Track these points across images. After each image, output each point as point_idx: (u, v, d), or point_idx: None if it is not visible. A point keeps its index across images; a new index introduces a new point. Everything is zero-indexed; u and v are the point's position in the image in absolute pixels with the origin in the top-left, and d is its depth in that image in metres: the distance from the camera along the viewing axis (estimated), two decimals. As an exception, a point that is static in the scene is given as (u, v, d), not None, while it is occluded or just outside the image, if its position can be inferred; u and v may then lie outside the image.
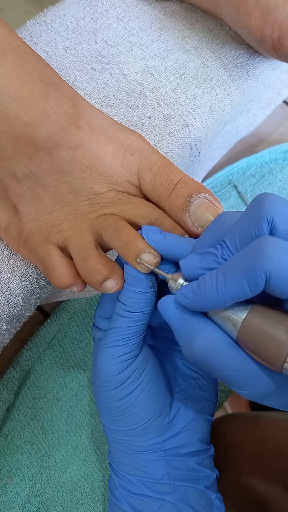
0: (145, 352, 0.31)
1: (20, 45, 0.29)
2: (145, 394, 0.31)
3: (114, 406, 0.31)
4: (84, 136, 0.30)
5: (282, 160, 0.58)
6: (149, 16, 0.42)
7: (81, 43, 0.40)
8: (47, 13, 0.42)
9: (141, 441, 0.31)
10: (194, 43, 0.41)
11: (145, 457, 0.32)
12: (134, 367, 0.30)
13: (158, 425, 0.31)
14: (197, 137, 0.40)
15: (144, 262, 0.27)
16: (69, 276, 0.30)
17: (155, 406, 0.31)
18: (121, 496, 0.33)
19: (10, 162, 0.29)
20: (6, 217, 0.32)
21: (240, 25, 0.38)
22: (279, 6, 0.35)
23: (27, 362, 0.49)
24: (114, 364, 0.30)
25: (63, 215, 0.31)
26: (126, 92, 0.39)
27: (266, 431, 0.48)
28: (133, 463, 0.32)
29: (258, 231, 0.23)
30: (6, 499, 0.44)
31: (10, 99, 0.28)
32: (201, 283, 0.24)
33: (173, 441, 0.32)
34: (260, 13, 0.36)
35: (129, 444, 0.32)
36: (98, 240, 0.30)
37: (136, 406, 0.30)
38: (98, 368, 0.31)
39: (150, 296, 0.29)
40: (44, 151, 0.29)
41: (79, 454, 0.45)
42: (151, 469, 0.32)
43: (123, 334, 0.29)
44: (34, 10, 0.63)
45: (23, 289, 0.33)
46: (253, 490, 0.44)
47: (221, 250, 0.24)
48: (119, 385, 0.30)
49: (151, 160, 0.31)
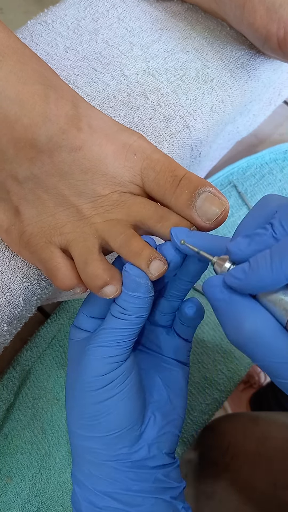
0: (132, 359, 0.31)
1: (20, 47, 0.29)
2: (125, 401, 0.30)
3: (90, 410, 0.30)
4: (85, 138, 0.30)
5: (282, 160, 0.58)
6: (150, 17, 0.42)
7: (82, 43, 0.40)
8: (48, 13, 0.42)
9: (111, 450, 0.31)
10: (195, 43, 0.41)
11: (113, 466, 0.31)
12: (121, 371, 0.30)
13: (130, 435, 0.31)
14: (197, 138, 0.40)
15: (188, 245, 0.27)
16: (72, 278, 0.30)
17: (132, 415, 0.31)
18: (86, 510, 0.31)
19: (11, 164, 0.29)
20: (7, 219, 0.31)
21: (245, 24, 0.38)
22: (284, 3, 0.35)
23: (27, 362, 0.49)
24: (103, 364, 0.29)
25: (66, 218, 0.31)
26: (127, 93, 0.39)
27: (266, 431, 0.48)
28: (101, 474, 0.31)
29: None
30: (6, 499, 0.44)
31: (10, 102, 0.27)
32: (253, 263, 0.23)
33: (141, 453, 0.31)
34: (266, 10, 0.36)
35: (98, 453, 0.31)
36: (102, 245, 0.30)
37: (113, 412, 0.30)
38: (83, 366, 0.30)
39: (149, 300, 0.29)
40: (45, 153, 0.29)
41: (79, 454, 0.45)
42: (119, 480, 0.31)
43: (117, 335, 0.29)
44: (34, 10, 0.63)
45: (24, 290, 0.33)
46: (253, 490, 0.44)
47: (272, 230, 0.23)
48: (102, 387, 0.30)
49: (154, 158, 0.31)
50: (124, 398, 0.30)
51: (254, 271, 0.23)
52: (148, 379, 0.33)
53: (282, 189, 0.57)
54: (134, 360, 0.32)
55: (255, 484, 0.44)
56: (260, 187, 0.58)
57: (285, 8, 0.35)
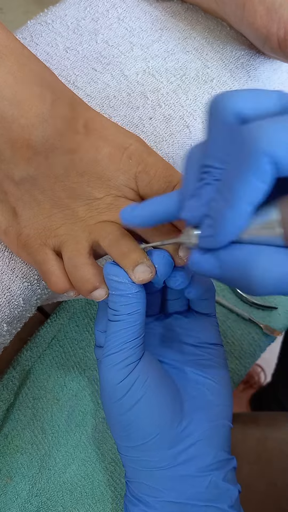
0: (148, 358, 0.30)
1: (18, 47, 0.29)
2: (152, 403, 0.29)
3: (121, 420, 0.29)
4: (81, 140, 0.30)
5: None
6: (150, 17, 0.42)
7: (81, 43, 0.40)
8: (48, 13, 0.42)
9: (152, 456, 0.30)
10: (195, 43, 0.41)
11: (159, 474, 0.30)
12: (136, 374, 0.29)
13: (169, 436, 0.29)
14: (198, 138, 0.40)
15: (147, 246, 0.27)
16: (65, 281, 0.30)
17: (164, 414, 0.29)
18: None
19: (8, 165, 0.29)
20: (5, 220, 0.32)
21: (245, 24, 0.38)
22: (285, 3, 0.35)
23: (27, 362, 0.49)
24: (116, 371, 0.29)
25: (61, 220, 0.31)
26: (127, 93, 0.39)
27: (266, 431, 0.48)
28: (148, 481, 0.30)
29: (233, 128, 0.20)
30: (6, 499, 0.44)
31: (7, 103, 0.27)
32: (211, 212, 0.21)
33: (188, 452, 0.30)
34: (266, 10, 0.36)
35: (141, 461, 0.30)
36: (94, 247, 0.30)
37: (143, 417, 0.29)
38: (102, 379, 0.30)
39: (134, 297, 0.28)
40: (41, 154, 0.29)
41: (79, 454, 0.45)
42: (167, 487, 0.30)
43: (119, 338, 0.29)
44: (34, 10, 0.63)
45: (24, 290, 0.33)
46: (253, 490, 0.44)
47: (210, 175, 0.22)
48: (124, 394, 0.29)
49: (149, 162, 0.31)
50: (150, 400, 0.29)
51: (217, 220, 0.21)
52: (180, 375, 0.32)
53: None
54: (151, 358, 0.31)
55: (255, 484, 0.44)
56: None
57: (286, 8, 0.35)
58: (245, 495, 0.44)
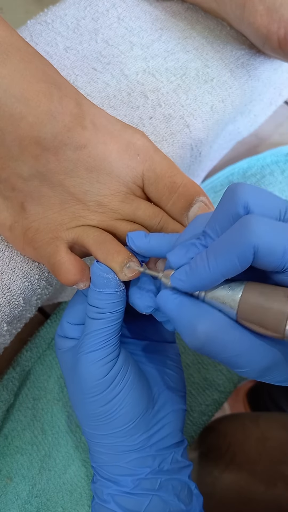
0: (124, 352, 0.32)
1: (23, 45, 0.29)
2: (133, 393, 0.31)
3: (101, 411, 0.31)
4: (90, 136, 0.30)
5: (283, 162, 0.58)
6: (150, 16, 0.42)
7: (81, 43, 0.40)
8: (48, 13, 0.42)
9: (130, 440, 0.32)
10: (195, 43, 0.41)
11: (134, 455, 0.32)
12: (118, 367, 0.31)
13: (145, 420, 0.32)
14: (198, 137, 0.40)
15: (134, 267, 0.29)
16: (75, 273, 0.30)
17: (142, 402, 0.32)
18: (109, 498, 0.33)
19: (16, 162, 0.29)
20: (11, 216, 0.32)
21: (245, 23, 0.38)
22: (285, 3, 0.35)
23: (27, 362, 0.49)
24: (98, 368, 0.30)
25: (72, 214, 0.31)
26: (127, 93, 0.39)
27: (266, 431, 0.48)
28: (121, 463, 0.33)
29: (236, 215, 0.24)
30: (6, 500, 0.44)
31: (15, 100, 0.27)
32: (192, 264, 0.25)
33: (159, 434, 0.33)
34: (266, 10, 0.36)
35: (117, 446, 0.32)
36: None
37: (124, 406, 0.31)
38: (80, 375, 0.31)
39: (121, 294, 0.30)
40: (50, 151, 0.29)
41: (79, 455, 0.45)
42: (139, 466, 0.33)
43: (101, 336, 0.30)
44: (34, 10, 0.63)
45: (24, 290, 0.33)
46: (254, 490, 0.44)
47: (204, 239, 0.26)
48: (106, 388, 0.30)
49: (156, 160, 0.31)
50: (130, 391, 0.31)
51: (193, 271, 0.24)
52: (144, 364, 0.35)
53: (282, 191, 0.57)
54: (127, 352, 0.32)
55: (255, 484, 0.44)
56: (260, 187, 0.57)
57: (286, 7, 0.35)
58: (245, 495, 0.44)
